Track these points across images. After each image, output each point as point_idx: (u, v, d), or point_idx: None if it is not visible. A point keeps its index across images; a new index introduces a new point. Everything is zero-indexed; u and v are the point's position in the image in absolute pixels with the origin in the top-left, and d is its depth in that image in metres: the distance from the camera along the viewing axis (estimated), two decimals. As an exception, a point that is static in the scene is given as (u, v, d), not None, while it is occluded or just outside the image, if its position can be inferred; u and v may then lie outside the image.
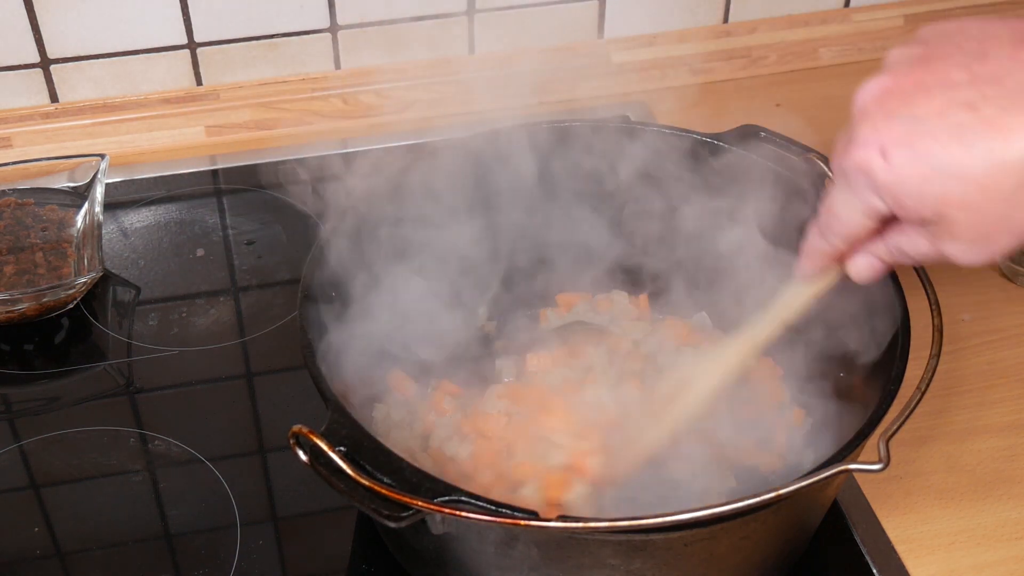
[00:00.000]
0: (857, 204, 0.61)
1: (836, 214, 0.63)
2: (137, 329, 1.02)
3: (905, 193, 0.57)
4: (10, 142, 1.19)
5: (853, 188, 0.60)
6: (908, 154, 0.56)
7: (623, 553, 0.67)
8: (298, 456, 0.65)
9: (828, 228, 0.65)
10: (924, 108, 0.56)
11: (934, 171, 0.55)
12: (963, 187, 0.55)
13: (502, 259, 0.93)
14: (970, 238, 0.58)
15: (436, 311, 0.91)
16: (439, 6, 1.23)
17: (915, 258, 0.64)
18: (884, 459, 0.64)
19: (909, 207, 0.58)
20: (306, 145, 1.23)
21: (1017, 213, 0.56)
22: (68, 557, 0.84)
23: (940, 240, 0.60)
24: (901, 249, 0.64)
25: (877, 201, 0.59)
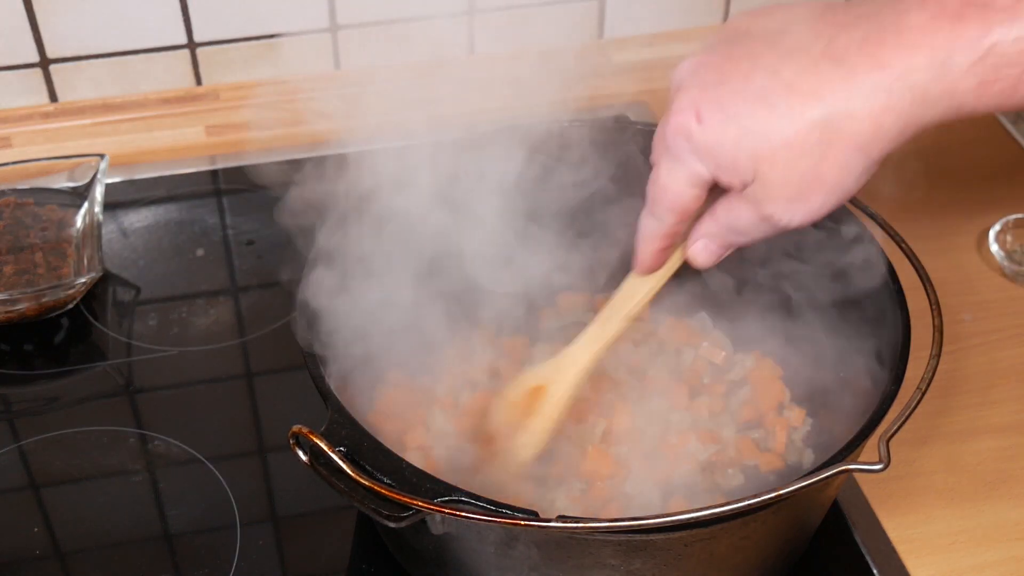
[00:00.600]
0: (681, 172, 0.63)
1: (663, 186, 0.65)
2: (137, 329, 1.02)
3: (721, 152, 0.61)
4: (10, 142, 1.19)
5: (675, 156, 0.63)
6: (720, 115, 0.60)
7: (623, 553, 0.67)
8: (298, 456, 0.65)
9: (657, 203, 0.66)
10: (733, 76, 0.60)
11: (745, 131, 0.59)
12: (771, 145, 0.59)
13: (503, 259, 0.93)
14: (787, 196, 0.61)
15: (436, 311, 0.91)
16: (439, 6, 1.23)
17: (744, 231, 0.65)
18: (884, 459, 0.64)
19: (726, 167, 0.61)
20: (306, 145, 1.23)
21: (824, 168, 0.59)
22: (68, 557, 0.84)
23: (760, 203, 0.62)
24: (730, 225, 0.65)
25: (698, 165, 0.62)
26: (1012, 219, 1.07)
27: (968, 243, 1.10)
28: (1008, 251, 1.06)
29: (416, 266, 0.87)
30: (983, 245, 1.08)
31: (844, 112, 0.57)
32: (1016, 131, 1.24)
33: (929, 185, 1.16)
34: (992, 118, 1.26)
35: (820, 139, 0.58)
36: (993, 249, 1.06)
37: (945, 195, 1.15)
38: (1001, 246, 1.06)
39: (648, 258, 0.70)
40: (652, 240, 0.69)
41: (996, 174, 1.18)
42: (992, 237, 1.06)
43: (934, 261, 0.84)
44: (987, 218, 1.10)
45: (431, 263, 0.88)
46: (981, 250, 1.09)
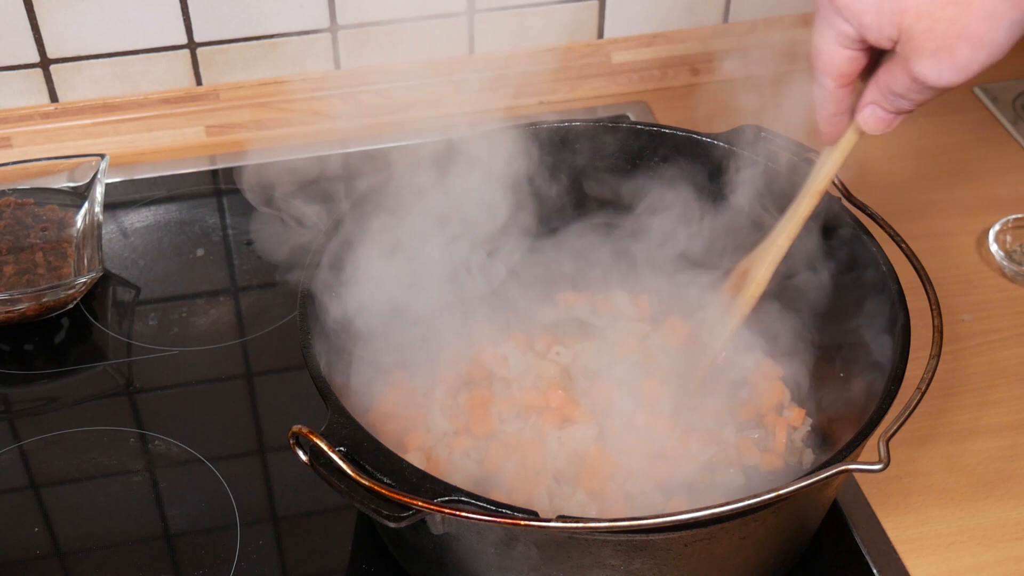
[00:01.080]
0: (829, 32, 0.63)
1: (817, 50, 0.65)
2: (137, 329, 1.02)
3: (864, 10, 0.60)
4: (10, 142, 1.19)
5: (822, 16, 0.63)
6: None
7: (623, 553, 0.67)
8: (298, 456, 0.65)
9: (815, 67, 0.66)
10: None
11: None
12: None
13: (503, 259, 0.93)
14: (931, 48, 0.59)
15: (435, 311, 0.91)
16: (439, 6, 1.23)
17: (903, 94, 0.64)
18: (884, 459, 0.64)
19: (871, 24, 0.60)
20: (306, 145, 1.23)
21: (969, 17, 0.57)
22: (68, 557, 0.84)
23: (908, 60, 0.61)
24: (890, 88, 0.64)
25: (843, 24, 0.62)
26: (1012, 219, 1.07)
27: (968, 243, 1.10)
28: (1008, 251, 1.06)
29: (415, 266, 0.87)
30: (983, 245, 1.08)
31: None
32: (1016, 131, 1.24)
33: (929, 185, 1.16)
34: (992, 118, 1.26)
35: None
36: (993, 249, 1.06)
37: (945, 195, 1.15)
38: (1001, 246, 1.06)
39: (824, 126, 0.70)
40: (822, 106, 0.69)
41: (996, 174, 1.18)
42: (992, 237, 1.06)
43: (934, 261, 0.84)
44: (987, 218, 1.10)
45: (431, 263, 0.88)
46: (981, 250, 1.09)
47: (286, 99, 1.24)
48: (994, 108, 1.27)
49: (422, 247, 0.88)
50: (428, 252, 0.88)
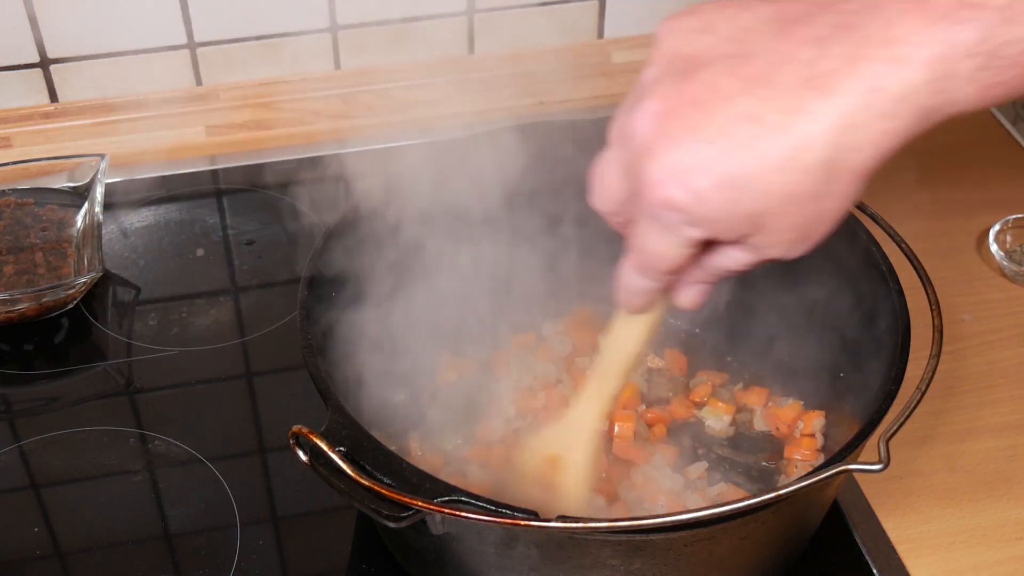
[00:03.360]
0: (674, 239, 0.57)
1: (654, 253, 0.59)
2: (137, 329, 1.02)
3: (718, 218, 0.55)
4: (10, 142, 1.19)
5: (667, 227, 0.56)
6: (711, 180, 0.53)
7: (623, 553, 0.67)
8: (298, 456, 0.65)
9: (649, 268, 0.61)
10: (708, 129, 0.53)
11: (742, 191, 0.53)
12: (771, 198, 0.53)
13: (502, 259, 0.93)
14: (790, 239, 0.56)
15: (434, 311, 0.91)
16: (439, 6, 1.23)
17: (738, 270, 0.61)
18: (884, 459, 0.64)
19: (725, 228, 0.56)
20: (306, 145, 1.23)
21: (827, 205, 0.54)
22: (68, 557, 0.84)
23: (762, 250, 0.57)
24: (723, 268, 0.61)
25: (695, 232, 0.56)
26: (1012, 219, 1.07)
27: (968, 243, 1.10)
28: (1008, 251, 1.06)
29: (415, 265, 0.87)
30: (983, 245, 1.08)
31: (845, 148, 0.51)
32: (1016, 131, 1.24)
33: (929, 185, 1.16)
34: (992, 118, 1.26)
35: (823, 180, 0.52)
36: (993, 249, 1.06)
37: (945, 195, 1.15)
38: (1001, 246, 1.06)
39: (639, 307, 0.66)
40: (643, 295, 0.64)
41: (996, 174, 1.18)
42: (992, 237, 1.06)
43: (934, 261, 0.84)
44: (987, 218, 1.10)
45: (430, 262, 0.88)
46: (981, 250, 1.09)
47: (286, 99, 1.24)
48: (994, 108, 1.27)
49: (423, 247, 0.88)
50: (430, 252, 0.88)
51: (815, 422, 0.85)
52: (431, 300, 0.89)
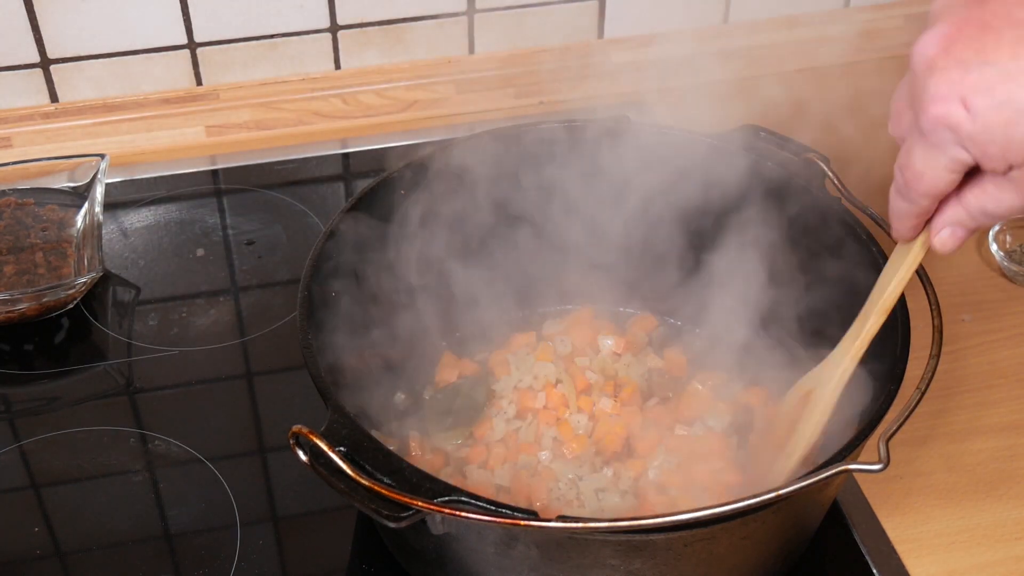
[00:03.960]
0: (941, 159, 0.59)
1: (919, 173, 0.61)
2: (137, 329, 1.02)
3: (991, 140, 0.57)
4: (10, 142, 1.19)
5: (935, 144, 0.59)
6: (990, 101, 0.55)
7: (623, 553, 0.67)
8: (298, 456, 0.65)
9: (911, 188, 0.63)
10: (995, 52, 0.55)
11: (1018, 114, 0.55)
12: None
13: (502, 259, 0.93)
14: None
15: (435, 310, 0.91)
16: (439, 6, 1.23)
17: (999, 214, 0.62)
18: (884, 459, 0.64)
19: (995, 155, 0.57)
20: (306, 145, 1.23)
21: None
22: (68, 557, 0.84)
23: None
24: (984, 209, 0.62)
25: (962, 153, 0.58)
26: (1012, 219, 1.07)
27: (968, 243, 1.09)
28: (1008, 251, 1.06)
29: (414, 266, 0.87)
30: (983, 245, 1.08)
31: None
32: (1016, 131, 1.23)
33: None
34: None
35: None
36: (993, 249, 1.06)
37: (945, 195, 1.15)
38: (1001, 246, 1.06)
39: (905, 231, 0.67)
40: (906, 219, 0.66)
41: (996, 174, 1.18)
42: (992, 237, 1.06)
43: (934, 261, 0.84)
44: (987, 218, 1.10)
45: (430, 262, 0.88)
46: (981, 250, 1.09)
47: (286, 99, 1.25)
48: (994, 108, 1.27)
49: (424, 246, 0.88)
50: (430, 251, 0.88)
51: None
52: (431, 300, 0.90)
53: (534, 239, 0.93)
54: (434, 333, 0.92)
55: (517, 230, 0.93)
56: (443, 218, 0.88)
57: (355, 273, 0.82)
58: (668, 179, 0.90)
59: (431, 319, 0.91)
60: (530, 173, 0.91)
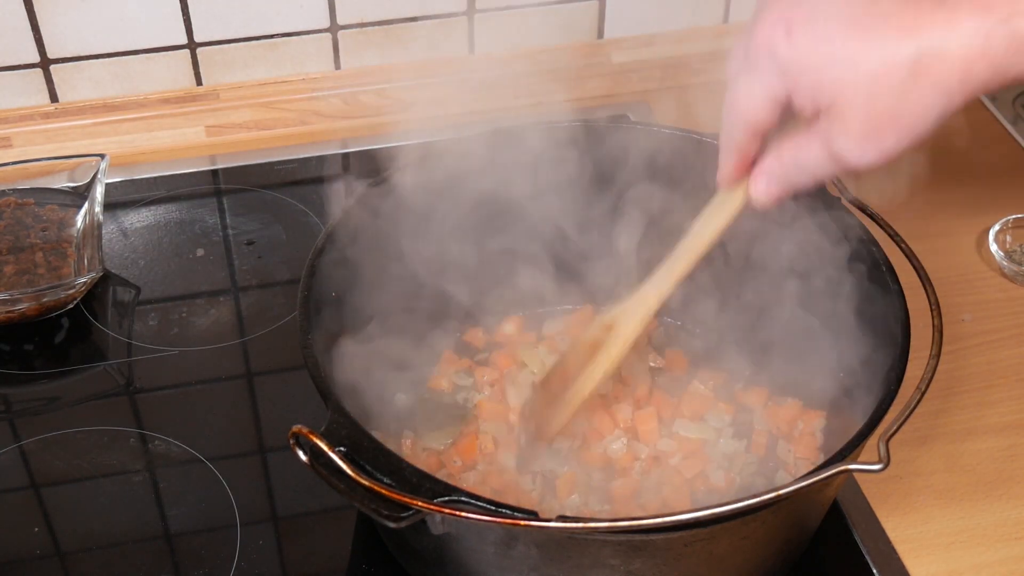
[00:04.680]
0: (757, 85, 0.62)
1: (737, 100, 0.64)
2: (137, 329, 1.02)
3: (804, 72, 0.59)
4: (10, 142, 1.19)
5: (754, 67, 0.61)
6: (810, 35, 0.58)
7: (623, 553, 0.67)
8: (298, 456, 0.65)
9: (729, 114, 0.65)
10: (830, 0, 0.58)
11: (834, 55, 0.57)
12: (856, 76, 0.57)
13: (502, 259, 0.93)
14: (861, 132, 0.59)
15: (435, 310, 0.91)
16: (439, 6, 1.23)
17: (809, 169, 0.63)
18: (884, 459, 0.64)
19: (806, 88, 0.59)
20: (306, 145, 1.23)
21: (905, 108, 0.57)
22: (68, 557, 0.84)
23: (832, 137, 0.60)
24: (796, 162, 0.64)
25: (776, 81, 0.60)
26: (1012, 219, 1.07)
27: (968, 243, 1.10)
28: (1008, 251, 1.06)
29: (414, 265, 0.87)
30: (983, 245, 1.08)
31: (937, 52, 0.55)
32: (1016, 131, 1.24)
33: (929, 185, 1.16)
34: (992, 118, 1.26)
35: (908, 77, 0.56)
36: (993, 249, 1.06)
37: (945, 195, 1.15)
38: (1001, 246, 1.06)
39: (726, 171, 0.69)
40: (727, 153, 0.67)
41: (996, 174, 1.18)
42: (992, 237, 1.06)
43: (934, 261, 0.84)
44: (987, 218, 1.10)
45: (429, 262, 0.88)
46: (981, 250, 1.09)
47: (286, 99, 1.25)
48: (994, 108, 1.27)
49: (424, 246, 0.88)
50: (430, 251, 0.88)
51: (815, 422, 0.86)
52: (431, 299, 0.90)
53: (534, 239, 0.93)
54: (434, 333, 0.92)
55: (517, 230, 0.93)
56: (443, 218, 0.88)
57: (355, 273, 0.82)
58: (668, 179, 0.90)
59: (431, 319, 0.91)
60: (530, 173, 0.91)
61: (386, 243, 0.85)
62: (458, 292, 0.91)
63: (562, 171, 0.92)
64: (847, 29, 0.57)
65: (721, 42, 1.32)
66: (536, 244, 0.94)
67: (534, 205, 0.92)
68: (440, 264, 0.89)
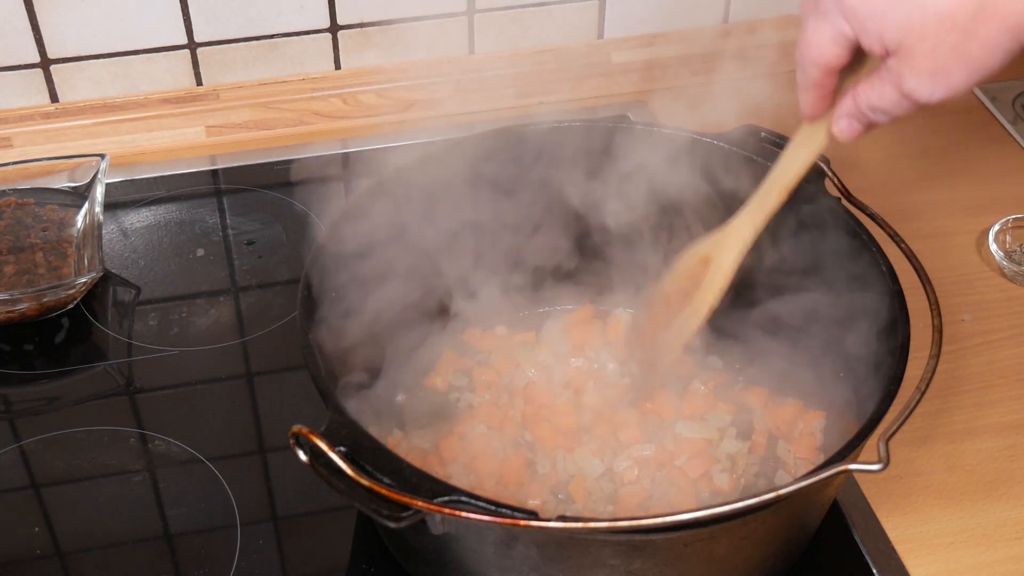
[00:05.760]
0: (827, 29, 0.63)
1: (807, 41, 0.66)
2: (137, 329, 1.02)
3: (870, 15, 0.60)
4: (10, 142, 1.19)
5: (823, 12, 0.63)
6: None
7: (623, 553, 0.67)
8: (298, 456, 0.65)
9: (803, 56, 0.67)
10: None
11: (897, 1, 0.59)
12: (925, 14, 0.58)
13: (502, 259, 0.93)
14: (928, 69, 0.60)
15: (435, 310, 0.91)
16: (439, 6, 1.23)
17: (884, 109, 0.65)
18: (884, 459, 0.64)
19: (873, 31, 0.61)
20: (306, 145, 1.23)
21: (971, 44, 0.58)
22: (68, 557, 0.84)
23: (902, 77, 0.62)
24: (871, 103, 0.66)
25: (844, 25, 0.62)
26: (1012, 219, 1.07)
27: (968, 243, 1.10)
28: (1008, 251, 1.06)
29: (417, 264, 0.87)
30: (983, 245, 1.08)
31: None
32: (1016, 131, 1.24)
33: (929, 185, 1.16)
34: (991, 118, 1.26)
35: (975, 15, 0.57)
36: (993, 249, 1.06)
37: (945, 195, 1.15)
38: (1001, 246, 1.06)
39: (807, 106, 0.71)
40: (805, 91, 0.69)
41: (996, 174, 1.18)
42: (992, 237, 1.06)
43: (934, 261, 0.84)
44: (987, 218, 1.10)
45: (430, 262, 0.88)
46: (981, 250, 1.09)
47: (286, 99, 1.25)
48: (994, 108, 1.27)
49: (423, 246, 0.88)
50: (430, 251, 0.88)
51: (815, 422, 0.86)
52: (432, 299, 0.90)
53: (534, 239, 0.93)
54: (435, 332, 0.92)
55: (517, 230, 0.93)
56: (443, 218, 0.88)
57: (355, 273, 0.82)
58: (667, 179, 0.90)
59: (432, 318, 0.91)
60: (530, 173, 0.91)
61: (386, 242, 0.85)
62: (458, 292, 0.91)
63: (562, 171, 0.92)
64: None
65: (721, 42, 1.32)
66: (536, 244, 0.94)
67: (534, 205, 0.92)
68: (439, 263, 0.89)
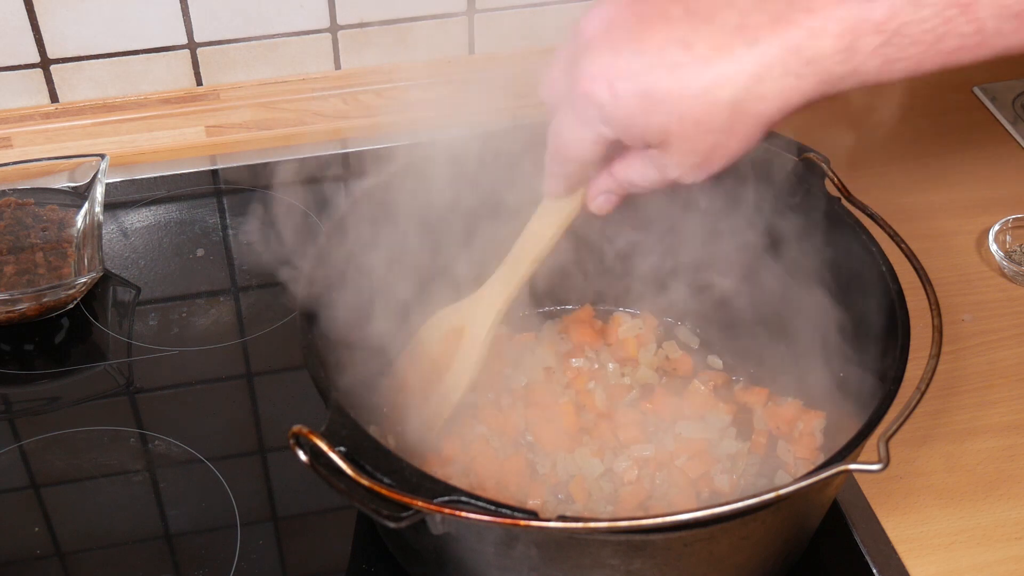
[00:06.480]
0: (586, 132, 0.64)
1: (567, 141, 0.66)
2: (137, 329, 1.02)
3: (631, 123, 0.61)
4: (10, 142, 1.19)
5: (583, 118, 0.63)
6: (632, 88, 0.59)
7: (623, 553, 0.67)
8: (298, 456, 0.65)
9: (561, 155, 0.67)
10: (646, 43, 0.59)
11: (656, 104, 0.59)
12: (681, 119, 0.59)
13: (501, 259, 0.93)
14: (691, 163, 0.62)
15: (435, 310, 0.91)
16: (439, 6, 1.23)
17: (643, 186, 0.67)
18: (884, 459, 0.64)
19: (635, 135, 0.62)
20: (306, 145, 1.23)
21: (731, 141, 0.60)
22: (68, 557, 0.84)
23: (664, 166, 0.63)
24: (629, 180, 0.67)
25: (605, 130, 0.63)
26: (1012, 219, 1.07)
27: (968, 243, 1.10)
28: (1007, 251, 1.06)
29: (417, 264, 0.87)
30: (983, 245, 1.08)
31: (755, 94, 0.58)
32: (1016, 131, 1.24)
33: (929, 185, 1.16)
34: (992, 118, 1.26)
35: (730, 117, 0.59)
36: (993, 249, 1.06)
37: (945, 195, 1.15)
38: (1000, 246, 1.06)
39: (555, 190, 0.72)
40: (558, 179, 0.71)
41: (996, 174, 1.18)
42: (992, 237, 1.06)
43: (934, 261, 0.84)
44: (987, 218, 1.10)
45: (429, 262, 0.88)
46: (981, 250, 1.09)
47: (286, 99, 1.25)
48: (994, 108, 1.27)
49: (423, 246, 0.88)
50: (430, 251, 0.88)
51: (815, 422, 0.85)
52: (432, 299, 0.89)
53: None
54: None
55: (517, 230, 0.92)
56: (443, 218, 0.88)
57: (355, 272, 0.82)
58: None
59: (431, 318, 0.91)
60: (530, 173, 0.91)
61: (386, 242, 0.85)
62: (458, 291, 0.91)
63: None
64: (668, 78, 0.58)
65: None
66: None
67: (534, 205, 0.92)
68: (439, 263, 0.89)
